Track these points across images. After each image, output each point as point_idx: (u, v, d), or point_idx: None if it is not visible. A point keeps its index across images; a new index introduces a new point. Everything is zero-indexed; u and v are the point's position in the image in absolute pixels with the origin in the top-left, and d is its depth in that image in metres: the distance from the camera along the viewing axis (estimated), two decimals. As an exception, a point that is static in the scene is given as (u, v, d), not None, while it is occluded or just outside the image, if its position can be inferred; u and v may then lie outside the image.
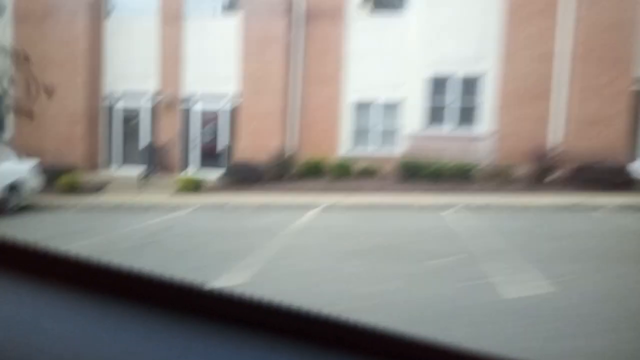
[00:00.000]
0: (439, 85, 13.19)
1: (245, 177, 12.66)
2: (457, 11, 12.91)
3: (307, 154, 13.61)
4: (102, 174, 14.18)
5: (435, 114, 13.29)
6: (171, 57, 14.41)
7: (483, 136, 12.91)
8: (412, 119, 13.41)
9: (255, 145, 13.51)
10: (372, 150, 13.70)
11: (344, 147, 13.90)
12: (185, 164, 14.53)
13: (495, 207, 9.46)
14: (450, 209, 9.31)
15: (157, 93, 14.58)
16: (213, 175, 13.21)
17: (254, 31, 13.60)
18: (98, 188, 12.52)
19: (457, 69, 12.99)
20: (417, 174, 12.15)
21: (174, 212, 9.52)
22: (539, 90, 12.40)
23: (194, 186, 12.10)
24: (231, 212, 9.72)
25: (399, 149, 13.33)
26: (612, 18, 11.84)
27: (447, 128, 13.18)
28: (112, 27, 14.78)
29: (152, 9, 14.39)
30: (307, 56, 13.92)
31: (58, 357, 0.46)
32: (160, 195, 11.63)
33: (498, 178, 11.89)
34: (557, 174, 11.75)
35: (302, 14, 13.85)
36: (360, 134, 13.94)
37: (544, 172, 11.75)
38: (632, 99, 12.08)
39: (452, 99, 13.14)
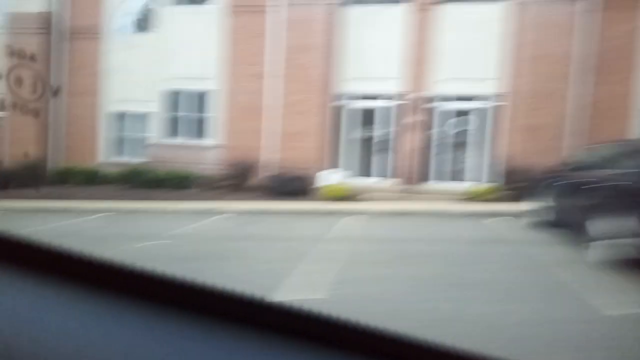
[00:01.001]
0: (174, 99, 14.43)
1: (-10, 183, 13.79)
2: (187, 33, 14.13)
3: (72, 162, 14.79)
4: None
5: (172, 126, 14.53)
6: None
7: (211, 147, 14.17)
8: (156, 130, 14.64)
9: (14, 153, 14.62)
10: (126, 158, 14.89)
11: (103, 155, 15.08)
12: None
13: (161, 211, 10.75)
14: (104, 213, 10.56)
15: None
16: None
17: (16, 47, 14.67)
18: None
19: (189, 85, 14.24)
20: (139, 181, 13.39)
21: None
22: (254, 106, 13.66)
23: None
24: None
25: (146, 158, 14.54)
26: (307, 41, 13.13)
27: (182, 138, 14.43)
28: None
29: None
30: (69, 70, 15.06)
31: (59, 353, 0.46)
32: None
33: (209, 186, 13.16)
34: (254, 182, 13.07)
35: (63, 31, 14.97)
36: (117, 143, 15.13)
37: (242, 180, 13.05)
38: (329, 115, 13.40)
39: (186, 112, 14.39)
